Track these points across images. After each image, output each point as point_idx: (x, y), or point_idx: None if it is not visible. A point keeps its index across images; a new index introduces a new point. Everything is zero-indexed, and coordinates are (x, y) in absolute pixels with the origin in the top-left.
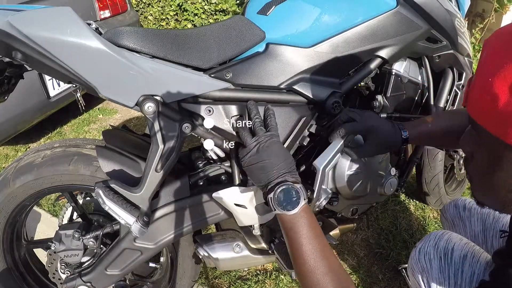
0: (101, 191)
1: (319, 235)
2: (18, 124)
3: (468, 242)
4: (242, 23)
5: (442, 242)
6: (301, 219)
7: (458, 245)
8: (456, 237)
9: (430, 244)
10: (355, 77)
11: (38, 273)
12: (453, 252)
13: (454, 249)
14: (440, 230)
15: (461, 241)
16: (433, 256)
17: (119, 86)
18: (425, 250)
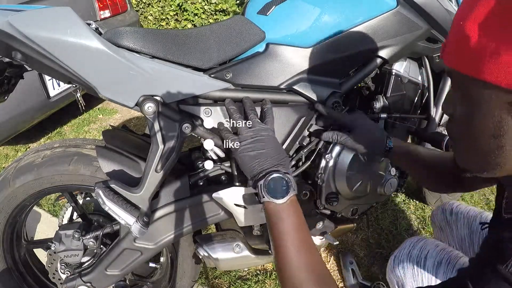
0: (101, 191)
1: (303, 228)
2: (18, 124)
3: (444, 249)
4: (242, 23)
5: (416, 250)
6: (287, 210)
7: (432, 252)
8: (431, 244)
9: (404, 252)
10: (355, 77)
11: (38, 273)
12: (427, 260)
13: (428, 257)
14: (415, 237)
15: (436, 247)
16: (407, 264)
17: (119, 86)
18: (399, 258)
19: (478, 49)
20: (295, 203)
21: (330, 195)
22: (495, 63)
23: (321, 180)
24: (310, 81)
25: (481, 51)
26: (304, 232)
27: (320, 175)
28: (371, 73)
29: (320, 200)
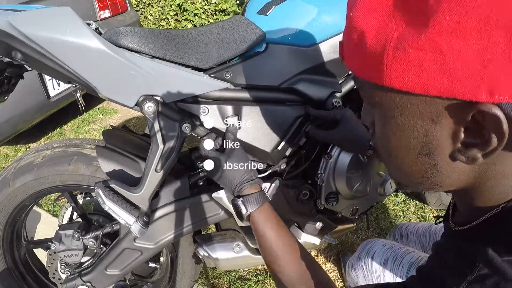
0: (101, 191)
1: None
2: (18, 124)
3: (392, 247)
4: (242, 23)
5: (364, 252)
6: (255, 224)
7: (379, 252)
8: (379, 244)
9: (355, 256)
10: None
11: (38, 273)
12: (373, 260)
13: (374, 257)
14: (366, 240)
15: (383, 247)
16: (357, 267)
17: (119, 86)
18: (352, 263)
19: (376, 46)
20: (258, 217)
21: (330, 195)
22: (401, 62)
23: (321, 180)
24: (310, 81)
25: (380, 48)
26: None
27: (320, 175)
28: None
29: (320, 200)
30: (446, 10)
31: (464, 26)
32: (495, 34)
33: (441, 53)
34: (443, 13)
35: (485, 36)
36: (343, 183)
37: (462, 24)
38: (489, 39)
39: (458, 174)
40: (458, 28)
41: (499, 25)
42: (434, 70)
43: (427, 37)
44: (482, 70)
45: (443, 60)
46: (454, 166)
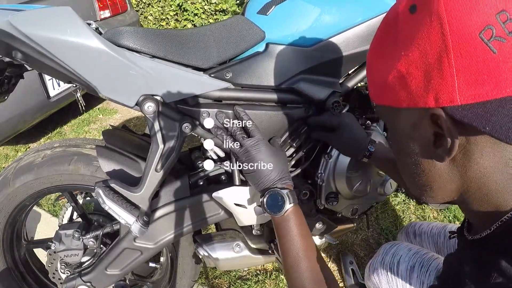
0: (101, 191)
1: (304, 235)
2: (18, 124)
3: (417, 252)
4: (242, 23)
5: (388, 256)
6: (287, 221)
7: (405, 257)
8: (404, 249)
9: (377, 260)
10: (355, 77)
11: (38, 273)
12: (399, 265)
13: (400, 262)
14: (389, 243)
15: (409, 252)
16: (381, 271)
17: (119, 86)
18: (374, 266)
19: (372, 77)
20: (295, 212)
21: (330, 195)
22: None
23: (321, 180)
24: (310, 81)
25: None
26: (304, 239)
27: (320, 175)
28: None
29: (320, 200)
30: (402, 47)
31: (411, 57)
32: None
33: (402, 76)
34: (399, 50)
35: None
36: (343, 183)
37: (409, 56)
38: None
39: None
40: (407, 59)
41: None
42: (400, 89)
43: (396, 68)
44: (427, 85)
45: (404, 81)
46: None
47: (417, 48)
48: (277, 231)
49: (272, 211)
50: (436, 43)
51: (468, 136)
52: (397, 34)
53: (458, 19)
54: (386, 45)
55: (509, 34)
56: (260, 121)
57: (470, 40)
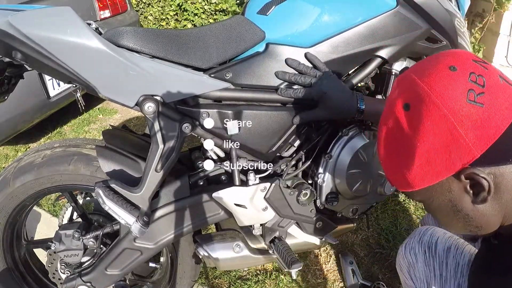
0: (101, 191)
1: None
2: (18, 124)
3: (452, 236)
4: (242, 23)
5: (426, 236)
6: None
7: (442, 239)
8: (440, 231)
9: (415, 239)
10: (355, 77)
11: (38, 273)
12: (437, 245)
13: (438, 243)
14: (424, 226)
15: (444, 235)
16: (418, 250)
17: (119, 86)
18: (411, 245)
19: (398, 172)
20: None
21: (330, 195)
22: (414, 175)
23: (321, 180)
24: None
25: (400, 172)
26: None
27: (320, 175)
28: (371, 73)
29: (320, 199)
30: (417, 140)
31: (430, 146)
32: None
33: (429, 160)
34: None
35: None
36: (343, 183)
37: (428, 147)
38: None
39: (488, 214)
40: (429, 148)
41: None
42: (430, 169)
43: (420, 159)
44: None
45: (431, 162)
46: (479, 209)
47: (430, 134)
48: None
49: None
50: (443, 125)
51: (494, 172)
52: (403, 133)
53: (448, 98)
54: (399, 145)
55: (483, 87)
56: (260, 121)
57: (464, 108)
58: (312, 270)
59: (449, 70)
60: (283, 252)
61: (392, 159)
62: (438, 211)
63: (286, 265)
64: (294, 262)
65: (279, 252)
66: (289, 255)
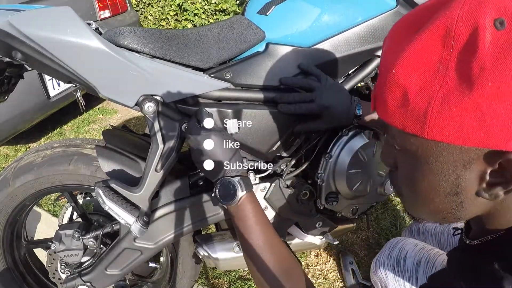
0: (101, 191)
1: (263, 223)
2: (18, 124)
3: (423, 248)
4: (242, 23)
5: (395, 251)
6: (242, 210)
7: (412, 252)
8: (410, 244)
9: (384, 254)
10: (355, 77)
11: (38, 273)
12: (406, 260)
13: (407, 257)
14: (395, 238)
15: (415, 247)
16: (387, 266)
17: (119, 86)
18: (380, 261)
19: (420, 102)
20: (250, 201)
21: (330, 195)
22: (444, 118)
23: (321, 180)
24: None
25: (424, 105)
26: (264, 229)
27: (320, 175)
28: (371, 73)
29: (320, 199)
30: (488, 77)
31: (502, 90)
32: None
33: (481, 112)
34: (486, 79)
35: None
36: (343, 183)
37: (501, 89)
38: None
39: (478, 207)
40: (498, 92)
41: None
42: (474, 126)
43: (471, 99)
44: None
45: (482, 118)
46: (477, 201)
47: (511, 81)
48: (233, 222)
49: (225, 201)
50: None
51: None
52: (476, 55)
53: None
54: (456, 67)
55: None
56: (260, 120)
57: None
58: (312, 270)
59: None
60: None
61: (423, 80)
62: (426, 179)
63: None
64: None
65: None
66: None
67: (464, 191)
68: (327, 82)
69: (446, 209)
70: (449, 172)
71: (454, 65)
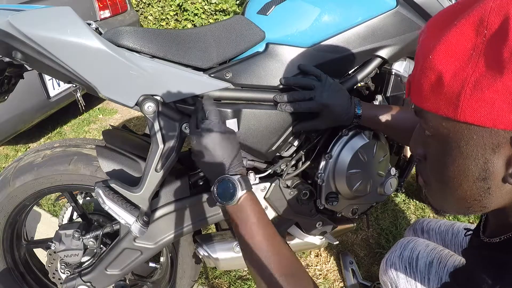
0: (101, 191)
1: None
2: (18, 124)
3: (435, 248)
4: (242, 23)
5: (407, 251)
6: (242, 210)
7: (423, 252)
8: (422, 244)
9: (395, 254)
10: (355, 77)
11: (38, 273)
12: (418, 260)
13: (419, 257)
14: (406, 238)
15: (427, 247)
16: (399, 266)
17: (119, 86)
18: (391, 261)
19: (454, 86)
20: (250, 201)
21: (330, 195)
22: (477, 100)
23: (321, 180)
24: None
25: (458, 88)
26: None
27: (320, 175)
28: (371, 73)
29: (320, 200)
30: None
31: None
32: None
33: (511, 95)
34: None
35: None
36: (343, 183)
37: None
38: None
39: (505, 195)
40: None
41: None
42: (504, 108)
43: (502, 82)
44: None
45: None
46: (503, 188)
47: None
48: (232, 222)
49: (223, 201)
50: None
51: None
52: (506, 42)
53: None
54: (488, 54)
55: None
56: (259, 120)
57: None
58: (312, 270)
59: None
60: None
61: (457, 66)
62: (455, 163)
63: None
64: None
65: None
66: None
67: (492, 176)
68: (326, 81)
69: (473, 195)
70: (478, 156)
71: (486, 51)
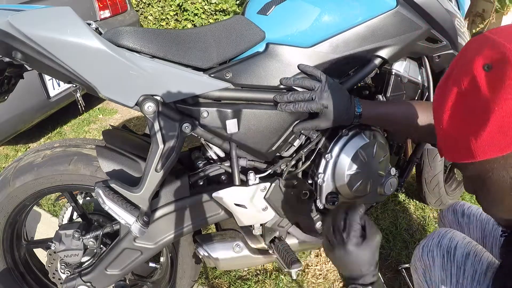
0: (101, 191)
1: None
2: (18, 124)
3: (471, 241)
4: (242, 23)
5: (446, 240)
6: None
7: (461, 244)
8: (459, 236)
9: (433, 242)
10: (355, 77)
11: (38, 273)
12: (456, 250)
13: (457, 247)
14: (443, 228)
15: (464, 239)
16: (436, 253)
17: (119, 86)
18: (429, 247)
19: (462, 139)
20: None
21: (330, 195)
22: (482, 143)
23: (321, 180)
24: None
25: (465, 139)
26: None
27: (320, 175)
28: (371, 73)
29: (320, 199)
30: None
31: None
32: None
33: (502, 128)
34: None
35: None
36: (343, 183)
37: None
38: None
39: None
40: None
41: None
42: (501, 139)
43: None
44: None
45: (504, 131)
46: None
47: (510, 98)
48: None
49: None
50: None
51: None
52: (479, 95)
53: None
54: (472, 108)
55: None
56: (259, 120)
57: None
58: (312, 270)
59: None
60: (283, 252)
61: (458, 124)
62: (492, 188)
63: (286, 265)
64: (294, 262)
65: (279, 252)
66: (289, 255)
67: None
68: (327, 81)
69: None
70: (505, 178)
71: (473, 104)
